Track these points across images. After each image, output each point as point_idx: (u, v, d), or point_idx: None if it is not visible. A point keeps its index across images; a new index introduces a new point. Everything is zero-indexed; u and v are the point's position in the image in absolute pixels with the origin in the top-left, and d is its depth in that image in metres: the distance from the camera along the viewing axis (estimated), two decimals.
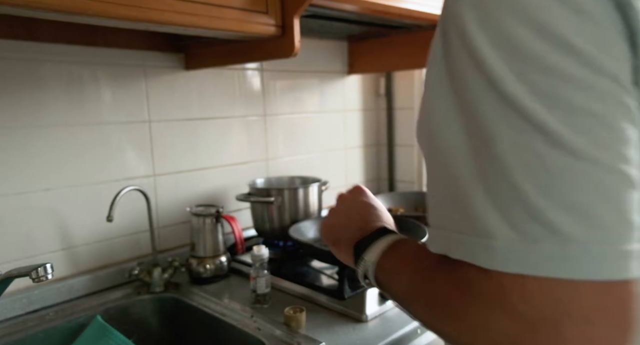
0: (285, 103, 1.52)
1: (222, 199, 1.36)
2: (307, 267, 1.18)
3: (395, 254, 0.57)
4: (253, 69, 1.42)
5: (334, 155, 1.71)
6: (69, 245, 1.08)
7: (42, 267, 0.79)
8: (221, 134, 1.36)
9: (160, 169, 1.23)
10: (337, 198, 0.76)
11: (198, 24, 0.85)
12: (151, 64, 1.19)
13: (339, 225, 0.70)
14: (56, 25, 1.01)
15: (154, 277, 1.09)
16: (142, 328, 1.07)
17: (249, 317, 0.95)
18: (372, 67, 1.67)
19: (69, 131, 1.06)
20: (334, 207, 0.74)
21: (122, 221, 1.15)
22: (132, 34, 1.13)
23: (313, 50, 1.58)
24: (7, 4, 0.65)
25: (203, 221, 1.13)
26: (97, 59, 1.10)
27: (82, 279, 1.08)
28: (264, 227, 1.30)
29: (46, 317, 0.98)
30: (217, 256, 1.14)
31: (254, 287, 0.99)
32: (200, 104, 1.30)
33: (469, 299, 0.38)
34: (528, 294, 0.34)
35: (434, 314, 0.44)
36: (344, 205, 0.73)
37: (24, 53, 0.99)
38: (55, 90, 1.04)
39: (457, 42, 0.38)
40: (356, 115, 1.79)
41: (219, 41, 1.11)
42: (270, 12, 0.95)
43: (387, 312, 0.97)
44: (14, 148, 0.99)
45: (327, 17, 1.20)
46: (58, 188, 1.06)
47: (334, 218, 0.72)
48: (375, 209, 0.70)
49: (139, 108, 1.18)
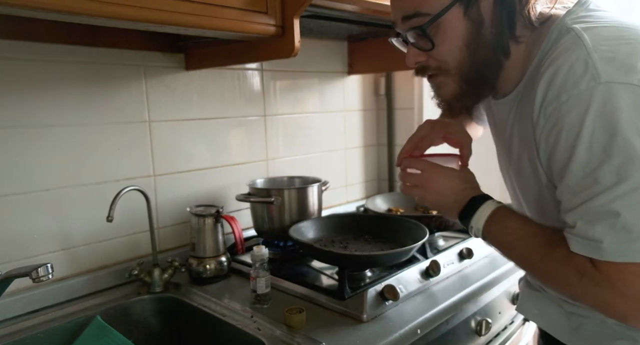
0: (285, 103, 1.52)
1: (222, 199, 1.36)
2: (307, 267, 1.18)
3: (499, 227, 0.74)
4: (253, 69, 1.42)
5: (334, 155, 1.71)
6: (69, 245, 1.08)
7: (42, 267, 0.80)
8: (221, 134, 1.36)
9: (160, 169, 1.23)
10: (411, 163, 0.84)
11: (198, 24, 0.85)
12: (151, 64, 1.19)
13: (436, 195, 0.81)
14: (56, 25, 1.01)
15: (154, 277, 1.09)
16: (142, 328, 1.07)
17: (249, 317, 0.95)
18: (372, 67, 1.67)
19: (69, 131, 1.06)
20: (421, 176, 0.82)
21: (122, 221, 1.15)
22: (132, 34, 1.13)
23: (313, 50, 1.58)
24: (7, 4, 0.65)
25: (203, 221, 1.13)
26: (97, 59, 1.10)
27: (82, 279, 1.08)
28: (264, 227, 1.30)
29: (46, 317, 0.98)
30: (217, 256, 1.14)
31: (254, 287, 0.99)
32: (200, 104, 1.30)
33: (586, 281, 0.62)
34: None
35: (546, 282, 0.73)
36: (431, 176, 0.81)
37: (24, 53, 0.99)
38: (55, 90, 1.04)
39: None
40: (356, 115, 1.79)
41: (219, 41, 1.11)
42: (270, 12, 0.95)
43: (387, 312, 0.97)
44: (14, 148, 0.99)
45: (327, 17, 1.20)
46: (58, 188, 1.06)
47: (426, 192, 0.82)
48: (459, 177, 0.81)
49: (139, 108, 1.18)
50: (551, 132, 0.63)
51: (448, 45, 0.71)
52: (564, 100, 0.60)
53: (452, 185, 0.79)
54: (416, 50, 0.75)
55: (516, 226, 0.72)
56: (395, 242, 1.20)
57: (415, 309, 0.98)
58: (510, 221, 0.73)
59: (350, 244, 1.20)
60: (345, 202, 1.77)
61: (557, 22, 0.68)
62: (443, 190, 0.79)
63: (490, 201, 0.76)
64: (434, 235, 1.32)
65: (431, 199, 0.82)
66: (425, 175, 0.81)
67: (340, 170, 1.74)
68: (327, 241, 1.22)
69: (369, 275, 1.09)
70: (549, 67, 0.63)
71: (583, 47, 0.60)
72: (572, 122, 0.60)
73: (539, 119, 0.65)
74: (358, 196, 1.83)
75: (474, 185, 0.81)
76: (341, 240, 1.23)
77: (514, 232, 0.72)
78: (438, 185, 0.80)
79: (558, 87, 0.61)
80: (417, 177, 0.82)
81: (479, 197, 0.77)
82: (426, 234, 1.11)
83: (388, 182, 1.87)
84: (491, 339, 1.15)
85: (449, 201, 0.79)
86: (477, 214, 0.75)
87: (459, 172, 0.82)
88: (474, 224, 0.76)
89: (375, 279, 1.05)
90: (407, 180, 0.84)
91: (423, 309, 0.97)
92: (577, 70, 0.59)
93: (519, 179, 0.79)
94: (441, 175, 0.80)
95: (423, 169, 0.82)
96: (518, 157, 0.76)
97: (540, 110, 0.64)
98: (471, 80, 0.73)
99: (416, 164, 0.83)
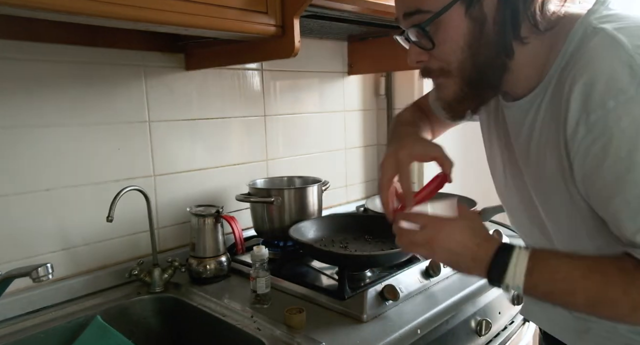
0: (285, 103, 1.52)
1: (222, 199, 1.36)
2: (307, 267, 1.17)
3: (545, 275, 0.64)
4: (253, 69, 1.42)
5: (334, 155, 1.71)
6: (69, 245, 1.08)
7: (42, 267, 0.80)
8: (221, 134, 1.36)
9: (160, 169, 1.23)
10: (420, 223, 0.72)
11: (198, 24, 0.85)
12: (151, 64, 1.19)
13: (446, 254, 0.70)
14: (56, 25, 1.00)
15: (154, 277, 1.09)
16: (142, 328, 1.07)
17: (249, 317, 0.95)
18: (372, 67, 1.67)
19: (69, 131, 1.06)
20: (428, 233, 0.71)
21: (122, 221, 1.15)
22: (132, 34, 1.13)
23: (313, 50, 1.58)
24: (7, 4, 0.65)
25: (203, 221, 1.13)
26: (97, 59, 1.09)
27: (82, 279, 1.08)
28: (264, 227, 1.30)
29: (46, 317, 0.98)
30: (217, 256, 1.14)
31: (254, 287, 0.99)
32: (200, 104, 1.30)
33: None
34: None
35: None
36: (439, 231, 0.70)
37: (24, 53, 0.99)
38: (55, 90, 1.04)
39: None
40: (356, 115, 1.78)
41: (219, 41, 1.11)
42: (270, 12, 0.95)
43: (387, 312, 0.97)
44: (14, 148, 0.99)
45: (327, 17, 1.20)
46: (58, 188, 1.06)
47: (435, 251, 0.70)
48: (471, 227, 0.70)
49: (139, 108, 1.18)
50: (595, 143, 0.58)
51: (449, 45, 0.68)
52: (611, 108, 0.56)
53: (463, 241, 0.69)
54: (417, 49, 0.72)
55: (567, 268, 0.63)
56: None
57: (415, 309, 0.98)
58: (556, 264, 0.64)
59: (350, 244, 1.20)
60: (345, 202, 1.77)
61: (578, 21, 0.64)
62: (454, 248, 0.69)
63: (518, 249, 0.66)
64: None
65: (441, 258, 0.72)
66: (429, 232, 0.71)
67: (340, 170, 1.74)
68: (327, 241, 1.22)
69: (369, 275, 1.09)
70: (584, 72, 0.59)
71: (622, 49, 0.57)
72: (624, 131, 0.56)
73: (578, 129, 0.60)
74: (358, 196, 1.83)
75: (486, 235, 0.70)
76: (341, 240, 1.23)
77: (568, 275, 0.63)
78: (446, 243, 0.69)
79: (601, 93, 0.57)
80: (419, 235, 0.71)
81: (502, 249, 0.67)
82: None
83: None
84: (491, 339, 1.15)
85: (465, 261, 0.69)
86: (510, 270, 0.65)
87: (466, 222, 0.71)
88: (510, 281, 0.65)
89: (375, 279, 1.05)
90: (407, 238, 0.73)
91: (423, 309, 0.97)
92: (622, 75, 0.56)
93: (537, 186, 0.75)
94: (447, 231, 0.70)
95: (423, 225, 0.71)
96: (538, 163, 0.72)
97: (580, 119, 0.59)
98: (473, 82, 0.70)
99: (412, 218, 0.73)
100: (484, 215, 1.34)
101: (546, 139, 0.69)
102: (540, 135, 0.70)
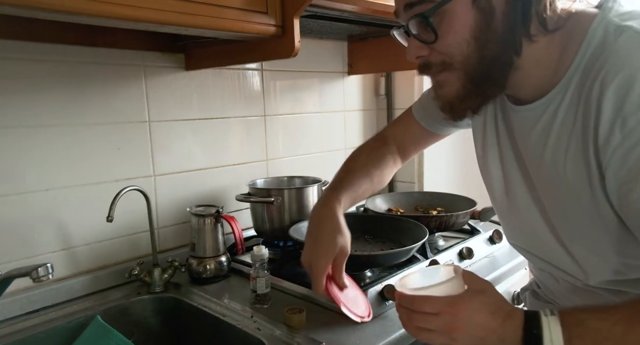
0: (285, 103, 1.52)
1: (222, 199, 1.36)
2: None
3: (588, 342, 0.56)
4: (253, 69, 1.42)
5: (334, 155, 1.71)
6: (69, 245, 1.08)
7: (42, 267, 0.80)
8: (221, 134, 1.36)
9: (160, 169, 1.23)
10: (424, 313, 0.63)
11: (198, 24, 0.85)
12: (151, 64, 1.19)
13: (471, 341, 0.61)
14: (56, 25, 1.00)
15: (154, 277, 1.09)
16: (142, 328, 1.07)
17: (249, 317, 0.95)
18: (372, 67, 1.67)
19: (69, 131, 1.06)
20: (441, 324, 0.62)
21: (122, 221, 1.15)
22: (132, 34, 1.13)
23: (313, 50, 1.58)
24: (7, 4, 0.65)
25: (203, 221, 1.13)
26: (97, 59, 1.09)
27: (82, 279, 1.08)
28: (264, 227, 1.30)
29: (46, 317, 0.98)
30: (217, 256, 1.14)
31: (254, 287, 0.99)
32: (200, 104, 1.30)
33: None
34: None
35: None
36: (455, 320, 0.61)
37: (24, 53, 0.99)
38: (55, 90, 1.04)
39: None
40: (356, 115, 1.78)
41: (219, 41, 1.11)
42: (270, 12, 0.95)
43: (387, 312, 0.97)
44: (14, 148, 0.99)
45: (327, 17, 1.20)
46: (58, 188, 1.06)
47: (457, 340, 0.62)
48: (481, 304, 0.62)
49: (139, 108, 1.18)
50: (634, 149, 0.55)
51: (453, 37, 0.64)
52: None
53: (485, 324, 0.60)
54: (418, 43, 0.67)
55: (606, 326, 0.56)
56: (395, 242, 1.20)
57: None
58: (593, 325, 0.57)
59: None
60: None
61: (596, 20, 0.61)
62: (477, 333, 0.60)
63: (544, 318, 0.58)
64: (434, 235, 1.32)
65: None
66: (445, 319, 0.61)
67: None
68: None
69: (369, 275, 1.09)
70: (616, 74, 0.55)
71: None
72: None
73: (613, 133, 0.56)
74: None
75: (507, 309, 0.62)
76: None
77: (610, 335, 0.56)
78: (467, 329, 0.60)
79: (638, 95, 0.53)
80: (435, 323, 0.62)
81: (529, 323, 0.59)
82: (426, 234, 1.11)
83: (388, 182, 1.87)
84: None
85: (492, 343, 0.61)
86: (546, 343, 0.57)
87: (482, 297, 0.62)
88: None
89: (375, 279, 1.05)
90: (419, 323, 0.64)
91: None
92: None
93: (551, 194, 0.70)
94: (465, 316, 0.61)
95: (439, 312, 0.62)
96: (554, 169, 0.67)
97: (615, 123, 0.55)
98: (477, 79, 0.66)
99: (420, 304, 0.63)
100: (484, 215, 1.34)
101: (566, 144, 0.65)
102: (557, 140, 0.66)
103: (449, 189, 1.64)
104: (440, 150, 1.82)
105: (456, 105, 0.70)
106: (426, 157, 1.77)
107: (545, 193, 0.72)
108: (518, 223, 0.83)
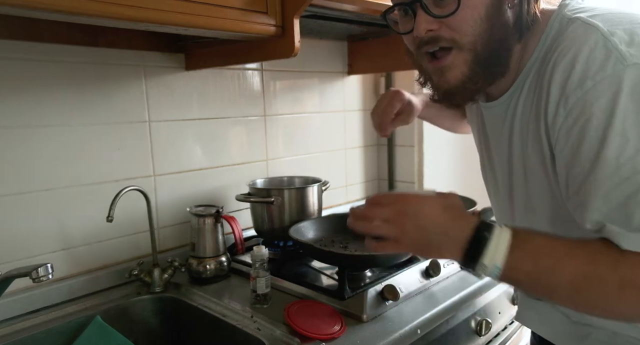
0: (285, 103, 1.52)
1: (222, 199, 1.36)
2: (307, 267, 1.17)
3: (529, 253, 0.59)
4: (253, 69, 1.42)
5: (334, 155, 1.71)
6: (69, 245, 1.08)
7: (42, 267, 0.80)
8: (221, 134, 1.36)
9: (160, 169, 1.23)
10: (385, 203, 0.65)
11: (198, 24, 0.85)
12: (151, 64, 1.19)
13: (416, 231, 0.62)
14: (56, 25, 1.01)
15: (154, 277, 1.09)
16: (142, 328, 1.07)
17: (249, 317, 0.95)
18: (372, 67, 1.67)
19: (69, 131, 1.06)
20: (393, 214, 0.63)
21: (122, 221, 1.15)
22: (132, 34, 1.13)
23: (313, 50, 1.58)
24: (7, 4, 0.65)
25: (203, 221, 1.13)
26: (97, 59, 1.09)
27: (82, 279, 1.08)
28: (264, 227, 1.30)
29: (46, 317, 0.98)
30: (217, 256, 1.14)
31: (254, 287, 0.99)
32: (200, 104, 1.30)
33: None
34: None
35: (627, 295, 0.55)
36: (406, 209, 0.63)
37: (24, 53, 0.99)
38: (55, 90, 1.04)
39: None
40: (356, 115, 1.79)
41: (219, 41, 1.11)
42: (270, 12, 0.95)
43: (387, 312, 0.97)
44: (15, 148, 0.99)
45: (327, 17, 1.20)
46: (58, 188, 1.05)
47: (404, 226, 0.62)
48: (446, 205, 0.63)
49: (139, 108, 1.18)
50: (575, 124, 0.58)
51: (470, 12, 0.64)
52: (589, 88, 0.56)
53: (434, 215, 0.62)
54: (428, 17, 0.65)
55: (551, 244, 0.59)
56: None
57: (415, 309, 0.98)
58: (539, 240, 0.60)
59: (350, 244, 1.20)
60: (345, 202, 1.77)
61: (552, 15, 0.66)
62: (424, 224, 0.61)
63: (499, 227, 0.60)
64: None
65: (410, 237, 0.62)
66: (396, 206, 0.63)
67: (340, 170, 1.74)
68: (327, 241, 1.22)
69: (369, 275, 1.09)
70: (563, 58, 0.59)
71: (598, 32, 0.58)
72: (601, 109, 0.55)
73: (558, 112, 0.59)
74: (358, 196, 1.83)
75: (463, 212, 0.64)
76: (341, 240, 1.22)
77: (553, 252, 0.58)
78: (416, 219, 0.62)
79: (579, 75, 0.57)
80: (387, 209, 0.63)
81: (482, 226, 0.61)
82: None
83: (388, 182, 1.87)
84: (491, 339, 1.15)
85: (437, 237, 0.61)
86: (491, 247, 0.58)
87: (440, 199, 0.64)
88: (488, 260, 0.58)
89: (375, 279, 1.05)
90: (371, 213, 0.64)
91: (423, 309, 0.97)
92: (599, 55, 0.56)
93: (521, 182, 0.73)
94: (416, 206, 0.62)
95: (394, 201, 0.64)
96: (522, 158, 0.70)
97: (559, 102, 0.59)
98: (483, 61, 0.67)
99: (381, 198, 0.65)
100: (484, 215, 1.33)
101: (526, 130, 0.68)
102: (521, 128, 0.70)
103: (449, 188, 1.64)
104: (440, 150, 1.82)
105: (458, 90, 0.70)
106: (426, 157, 1.77)
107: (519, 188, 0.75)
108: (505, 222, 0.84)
